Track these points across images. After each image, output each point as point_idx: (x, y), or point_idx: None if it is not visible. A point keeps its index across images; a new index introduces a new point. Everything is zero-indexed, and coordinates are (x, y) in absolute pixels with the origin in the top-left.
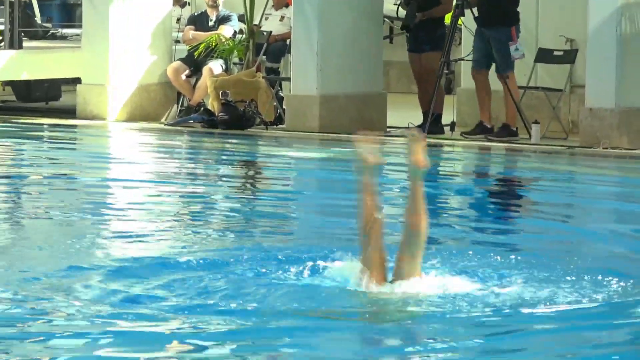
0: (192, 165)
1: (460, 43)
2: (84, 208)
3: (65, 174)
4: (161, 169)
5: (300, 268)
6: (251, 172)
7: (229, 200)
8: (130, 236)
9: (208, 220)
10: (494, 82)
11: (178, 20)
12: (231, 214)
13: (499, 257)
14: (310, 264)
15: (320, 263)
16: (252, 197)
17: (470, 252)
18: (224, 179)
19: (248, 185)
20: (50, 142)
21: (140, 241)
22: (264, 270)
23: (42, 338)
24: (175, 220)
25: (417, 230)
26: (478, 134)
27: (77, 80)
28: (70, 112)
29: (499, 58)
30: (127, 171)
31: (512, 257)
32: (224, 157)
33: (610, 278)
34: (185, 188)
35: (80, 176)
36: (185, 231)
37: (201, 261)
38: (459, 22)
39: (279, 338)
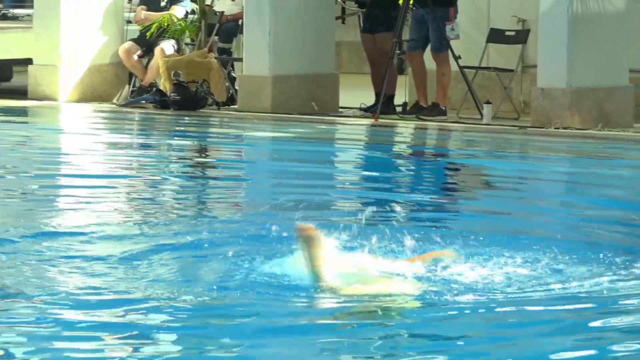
0: (144, 146)
1: None
2: (29, 190)
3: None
4: (112, 150)
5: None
6: (203, 153)
7: (180, 181)
8: (79, 221)
9: (159, 202)
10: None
11: (130, 0)
12: (182, 195)
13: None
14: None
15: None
16: (204, 178)
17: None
18: (175, 159)
19: (200, 166)
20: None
21: (86, 225)
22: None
23: None
24: (124, 202)
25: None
26: (413, 113)
27: (28, 61)
28: (21, 92)
29: (435, 38)
30: (77, 152)
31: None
32: (175, 138)
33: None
34: (136, 169)
35: (29, 161)
36: (135, 213)
37: (152, 245)
38: (410, 2)
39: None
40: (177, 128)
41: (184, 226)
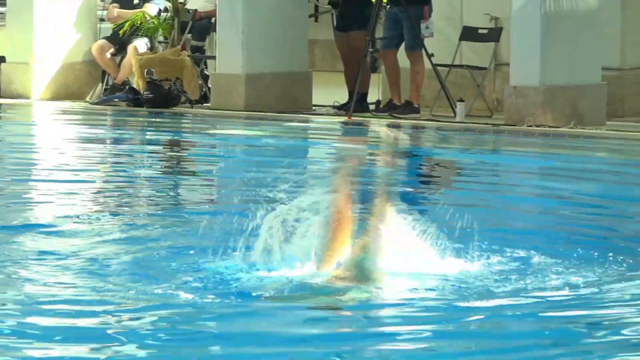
0: (117, 144)
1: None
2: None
3: None
4: (85, 148)
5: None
6: (176, 151)
7: (152, 179)
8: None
9: (130, 200)
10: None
11: None
12: (153, 193)
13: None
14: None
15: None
16: (176, 176)
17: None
18: (148, 157)
19: (173, 164)
20: None
21: (56, 222)
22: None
23: None
24: (95, 201)
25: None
26: (386, 112)
27: (1, 59)
28: None
29: (409, 36)
30: (49, 150)
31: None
32: (149, 136)
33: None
34: (109, 167)
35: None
36: (109, 212)
37: (121, 242)
38: (384, 0)
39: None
40: (150, 126)
41: (155, 223)
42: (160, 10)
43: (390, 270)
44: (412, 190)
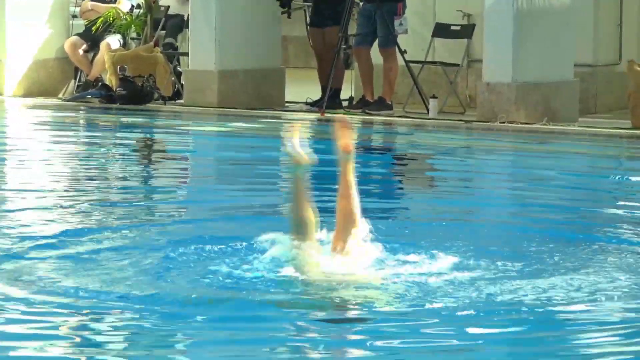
0: (89, 141)
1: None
2: None
3: None
4: (58, 146)
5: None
6: (149, 148)
7: (124, 176)
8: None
9: (102, 198)
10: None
11: None
12: (125, 190)
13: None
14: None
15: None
16: (148, 172)
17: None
18: (121, 154)
19: (146, 161)
20: None
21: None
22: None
23: None
24: (66, 199)
25: (349, 214)
26: (359, 108)
27: None
28: None
29: (383, 33)
30: (22, 148)
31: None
32: (121, 133)
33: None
34: (81, 164)
35: None
36: (82, 210)
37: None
38: None
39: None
40: (123, 123)
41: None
42: (133, 6)
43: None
44: (381, 187)
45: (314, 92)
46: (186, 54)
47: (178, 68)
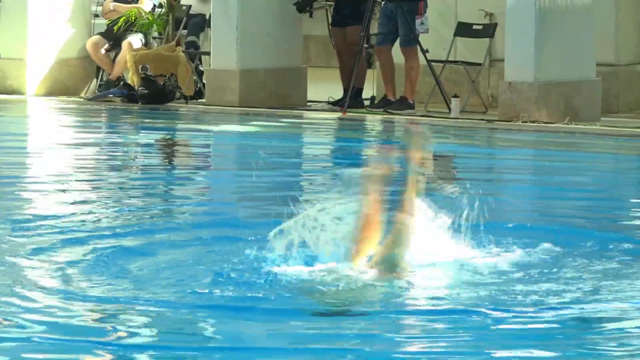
0: (112, 140)
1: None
2: None
3: None
4: (80, 144)
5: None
6: (171, 147)
7: (147, 175)
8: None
9: (126, 196)
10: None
11: None
12: (149, 189)
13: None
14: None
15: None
16: (171, 172)
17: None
18: (143, 153)
19: (168, 160)
20: None
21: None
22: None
23: None
24: (91, 196)
25: (405, 227)
26: (381, 107)
27: None
28: None
29: (404, 32)
30: (45, 146)
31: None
32: (143, 132)
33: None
34: (104, 164)
35: None
36: (106, 209)
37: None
38: None
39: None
40: (145, 122)
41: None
42: (154, 5)
43: (419, 264)
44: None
45: (336, 92)
46: (208, 53)
47: (200, 67)
